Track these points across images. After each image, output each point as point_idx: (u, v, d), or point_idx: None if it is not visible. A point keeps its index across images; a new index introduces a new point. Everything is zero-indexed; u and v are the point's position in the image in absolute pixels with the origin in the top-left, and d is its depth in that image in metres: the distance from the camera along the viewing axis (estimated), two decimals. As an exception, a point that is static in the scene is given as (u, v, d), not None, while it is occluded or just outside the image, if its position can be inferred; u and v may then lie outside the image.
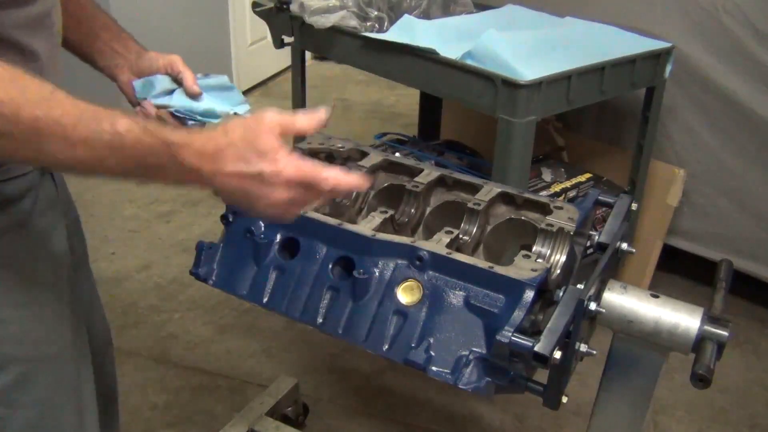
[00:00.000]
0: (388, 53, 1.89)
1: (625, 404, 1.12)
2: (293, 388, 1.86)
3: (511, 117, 1.66)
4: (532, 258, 1.09)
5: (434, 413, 2.01)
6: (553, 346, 0.95)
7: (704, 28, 2.13)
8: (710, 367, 0.94)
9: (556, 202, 1.23)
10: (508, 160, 1.70)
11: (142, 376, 2.07)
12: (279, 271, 1.18)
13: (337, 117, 4.13)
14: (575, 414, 1.97)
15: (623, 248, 1.19)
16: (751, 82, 2.11)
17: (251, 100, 4.28)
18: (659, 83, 2.05)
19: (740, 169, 2.22)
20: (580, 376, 1.57)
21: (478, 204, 1.21)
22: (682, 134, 2.29)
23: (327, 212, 1.23)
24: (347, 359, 2.19)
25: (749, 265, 2.28)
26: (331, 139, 1.42)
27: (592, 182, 2.16)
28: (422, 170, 1.32)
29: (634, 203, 1.29)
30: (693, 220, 2.38)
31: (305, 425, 1.93)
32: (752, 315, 2.46)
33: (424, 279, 1.09)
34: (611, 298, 1.05)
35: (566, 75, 1.72)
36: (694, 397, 2.08)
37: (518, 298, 1.02)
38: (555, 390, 1.06)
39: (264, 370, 2.13)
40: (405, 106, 4.13)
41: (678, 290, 2.49)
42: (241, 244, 1.21)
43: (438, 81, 1.82)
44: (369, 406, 2.03)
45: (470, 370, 1.03)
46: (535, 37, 1.91)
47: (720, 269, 1.15)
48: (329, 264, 1.14)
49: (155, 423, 1.94)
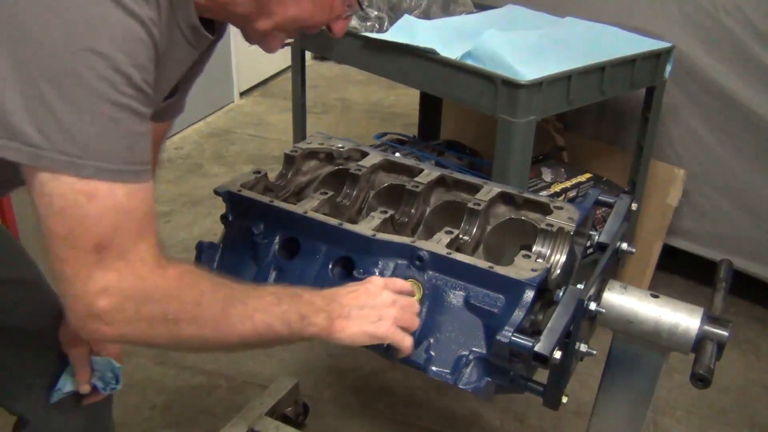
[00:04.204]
0: (388, 53, 1.89)
1: (625, 404, 1.12)
2: (293, 388, 1.86)
3: (511, 117, 1.66)
4: (532, 258, 1.09)
5: (434, 413, 2.01)
6: (553, 346, 0.95)
7: (704, 28, 2.13)
8: (710, 367, 0.94)
9: (556, 202, 1.23)
10: (508, 160, 1.70)
11: (142, 376, 2.07)
12: (279, 271, 1.18)
13: (337, 117, 4.13)
14: (575, 414, 1.97)
15: (623, 248, 1.19)
16: (751, 82, 2.10)
17: (251, 100, 4.29)
18: (659, 83, 2.05)
19: (740, 169, 2.22)
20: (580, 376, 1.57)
21: (478, 204, 1.21)
22: (682, 134, 2.29)
23: (327, 212, 1.23)
24: (347, 359, 2.19)
25: (749, 265, 2.28)
26: (331, 139, 1.43)
27: (592, 182, 2.16)
28: (422, 170, 1.32)
29: (634, 203, 1.29)
30: (693, 220, 2.38)
31: (305, 425, 1.93)
32: (752, 315, 2.46)
33: (424, 279, 1.09)
34: (611, 298, 1.05)
35: (566, 75, 1.72)
36: (694, 397, 2.08)
37: (518, 298, 1.02)
38: (555, 390, 1.06)
39: (264, 370, 2.13)
40: (405, 106, 4.13)
41: (678, 290, 2.49)
42: (241, 244, 1.21)
43: (438, 81, 1.82)
44: (369, 406, 2.03)
45: (470, 370, 1.04)
46: (535, 37, 1.91)
47: (720, 269, 1.15)
48: (329, 264, 1.14)
49: (155, 423, 1.93)
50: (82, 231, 0.75)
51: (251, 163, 3.46)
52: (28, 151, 0.72)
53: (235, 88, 4.23)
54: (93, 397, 1.21)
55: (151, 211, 0.81)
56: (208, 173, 3.35)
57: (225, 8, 0.90)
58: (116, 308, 0.77)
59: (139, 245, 0.78)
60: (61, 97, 0.71)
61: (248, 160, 3.52)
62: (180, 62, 0.94)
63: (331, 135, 1.44)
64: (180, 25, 0.87)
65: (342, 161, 1.39)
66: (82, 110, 0.72)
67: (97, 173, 0.74)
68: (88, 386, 1.18)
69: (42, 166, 0.73)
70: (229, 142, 3.72)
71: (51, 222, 0.75)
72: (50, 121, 0.72)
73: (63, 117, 0.72)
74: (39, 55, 0.71)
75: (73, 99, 0.72)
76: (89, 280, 0.76)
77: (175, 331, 0.82)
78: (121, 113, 0.75)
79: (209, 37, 0.94)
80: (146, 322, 0.80)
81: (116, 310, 0.77)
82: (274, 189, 1.31)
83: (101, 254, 0.76)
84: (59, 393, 1.17)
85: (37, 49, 0.71)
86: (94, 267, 0.76)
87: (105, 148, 0.74)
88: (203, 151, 3.59)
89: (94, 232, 0.75)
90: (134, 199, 0.77)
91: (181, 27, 0.87)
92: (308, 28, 0.96)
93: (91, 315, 0.77)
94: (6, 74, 0.71)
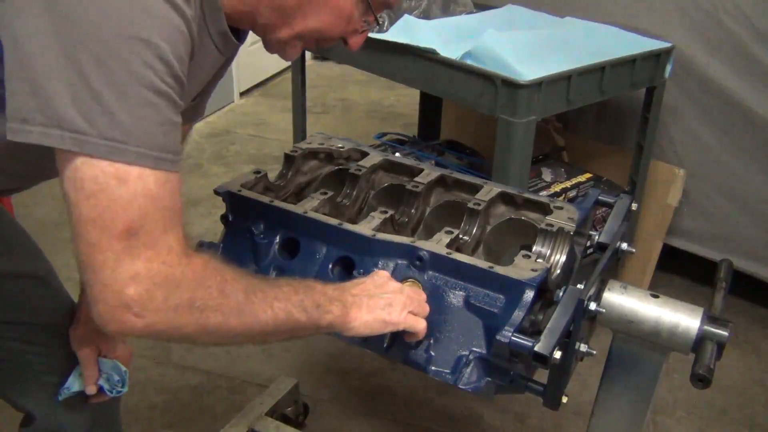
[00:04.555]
0: (388, 53, 1.89)
1: (625, 404, 1.12)
2: (293, 388, 1.86)
3: (511, 117, 1.66)
4: (532, 258, 1.09)
5: (434, 413, 2.01)
6: (553, 346, 0.95)
7: (704, 28, 2.13)
8: (710, 367, 0.94)
9: (556, 202, 1.23)
10: (508, 160, 1.70)
11: (142, 376, 2.07)
12: (279, 271, 1.18)
13: (337, 117, 4.13)
14: (575, 414, 1.97)
15: (623, 248, 1.19)
16: (751, 82, 2.10)
17: (251, 100, 4.29)
18: (659, 83, 2.05)
19: (740, 169, 2.22)
20: (580, 376, 1.57)
21: (478, 204, 1.21)
22: (682, 134, 2.29)
23: (327, 212, 1.23)
24: (347, 359, 2.19)
25: (749, 265, 2.28)
26: (331, 139, 1.43)
27: (592, 182, 2.16)
28: (422, 170, 1.32)
29: (634, 203, 1.29)
30: (693, 220, 2.38)
31: (305, 425, 1.93)
32: (752, 315, 2.46)
33: (424, 279, 1.09)
34: (611, 298, 1.05)
35: (566, 75, 1.72)
36: (694, 397, 2.08)
37: (518, 298, 1.02)
38: (555, 390, 1.06)
39: (264, 370, 2.13)
40: (405, 106, 4.13)
41: (678, 290, 2.49)
42: (241, 244, 1.21)
43: (438, 81, 1.82)
44: (369, 406, 2.03)
45: (470, 370, 1.03)
46: (535, 37, 1.91)
47: (720, 269, 1.15)
48: (329, 264, 1.14)
49: (155, 423, 1.93)
50: (112, 215, 0.75)
51: (251, 163, 3.46)
52: (71, 137, 0.73)
53: (235, 88, 4.23)
54: (98, 399, 1.22)
55: (179, 202, 0.82)
56: (207, 173, 3.35)
57: (250, 17, 0.93)
58: (146, 296, 0.78)
59: (167, 235, 0.79)
60: (108, 83, 0.73)
61: (248, 160, 3.52)
62: (207, 68, 0.98)
63: (331, 135, 1.44)
64: (210, 32, 0.91)
65: (342, 161, 1.39)
66: (127, 95, 0.74)
67: (138, 158, 0.75)
68: (95, 387, 1.19)
69: (85, 151, 0.74)
70: (229, 142, 3.72)
71: (81, 206, 0.76)
72: (96, 105, 0.73)
73: (109, 102, 0.73)
74: (88, 40, 0.72)
75: (119, 84, 0.74)
76: (118, 268, 0.76)
77: (203, 320, 0.83)
78: (161, 100, 0.77)
79: (237, 44, 0.97)
80: (174, 311, 0.80)
81: (146, 299, 0.78)
82: (274, 189, 1.31)
83: (130, 241, 0.76)
84: (67, 392, 1.18)
85: (86, 35, 0.72)
86: (122, 254, 0.76)
87: (146, 133, 0.76)
88: (203, 150, 3.59)
89: (123, 217, 0.76)
90: (163, 188, 0.79)
91: (211, 33, 0.91)
92: (326, 39, 0.99)
93: (121, 304, 0.77)
94: (51, 60, 0.73)
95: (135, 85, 0.74)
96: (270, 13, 0.92)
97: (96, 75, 0.73)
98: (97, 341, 1.18)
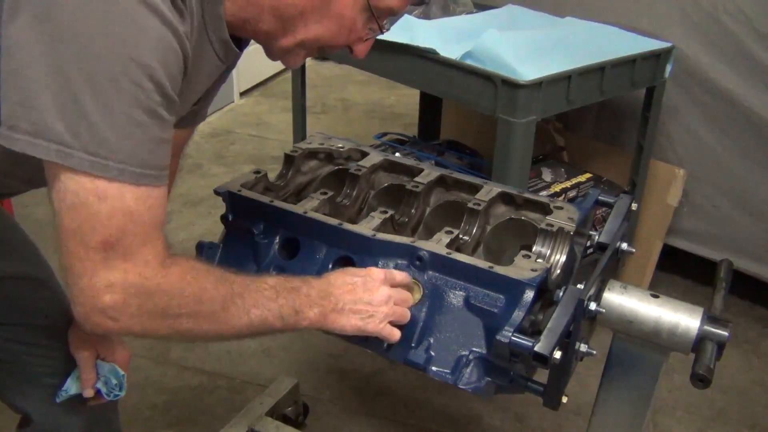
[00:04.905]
0: (388, 53, 1.89)
1: (625, 404, 1.12)
2: (293, 388, 1.86)
3: (511, 117, 1.66)
4: (532, 258, 1.09)
5: (434, 413, 2.01)
6: (553, 346, 0.95)
7: (704, 28, 2.13)
8: (710, 367, 0.94)
9: (556, 202, 1.23)
10: (508, 160, 1.70)
11: (142, 376, 2.07)
12: (279, 271, 1.18)
13: (337, 117, 4.13)
14: (575, 414, 1.97)
15: (623, 248, 1.19)
16: (751, 82, 2.10)
17: (251, 100, 4.29)
18: (659, 83, 2.05)
19: (740, 169, 2.22)
20: (580, 376, 1.57)
21: (478, 204, 1.21)
22: (682, 134, 2.29)
23: (327, 212, 1.23)
24: (347, 359, 2.19)
25: (749, 265, 2.28)
26: (331, 139, 1.43)
27: (592, 182, 2.16)
28: (422, 170, 1.32)
29: (634, 203, 1.29)
30: (693, 220, 2.38)
31: (305, 425, 1.93)
32: (752, 315, 2.46)
33: (424, 279, 1.09)
34: (611, 298, 1.05)
35: (566, 75, 1.72)
36: (694, 397, 2.08)
37: (518, 298, 1.02)
38: (555, 390, 1.06)
39: (264, 370, 2.13)
40: (405, 106, 4.13)
41: (678, 290, 2.49)
42: (241, 244, 1.21)
43: (438, 81, 1.82)
44: (369, 406, 2.03)
45: (470, 370, 1.04)
46: (535, 37, 1.91)
47: (720, 269, 1.15)
48: (329, 264, 1.14)
49: (155, 423, 1.93)
50: (90, 229, 0.78)
51: (251, 163, 3.46)
52: (56, 149, 0.75)
53: (235, 88, 4.23)
54: (96, 402, 1.21)
55: (160, 216, 0.84)
56: (207, 173, 3.35)
57: (252, 25, 0.93)
58: (121, 304, 0.81)
59: (143, 248, 0.81)
60: (96, 99, 0.74)
61: (248, 160, 3.52)
62: (208, 75, 0.99)
63: (331, 135, 1.44)
64: (211, 39, 0.91)
65: (342, 161, 1.39)
66: (114, 113, 0.75)
67: (120, 174, 0.77)
68: (92, 390, 1.19)
69: (68, 164, 0.75)
70: (229, 142, 3.72)
71: (63, 216, 0.78)
72: (82, 120, 0.74)
73: (95, 118, 0.74)
74: (79, 55, 0.73)
75: (106, 101, 0.75)
76: (95, 277, 0.79)
77: (176, 325, 0.86)
78: (148, 119, 0.78)
79: (238, 52, 0.98)
80: (148, 317, 0.84)
81: (120, 306, 0.81)
82: (274, 189, 1.31)
83: (107, 253, 0.79)
84: (64, 394, 1.18)
85: (78, 50, 0.73)
86: (99, 264, 0.79)
87: (130, 150, 0.77)
88: (203, 151, 3.58)
89: (101, 231, 0.78)
90: (143, 204, 0.80)
91: (212, 42, 0.91)
92: (329, 47, 1.00)
93: (96, 309, 0.81)
94: (42, 73, 0.73)
95: (122, 104, 0.75)
96: (272, 21, 0.92)
97: (84, 91, 0.74)
98: (95, 344, 1.18)
